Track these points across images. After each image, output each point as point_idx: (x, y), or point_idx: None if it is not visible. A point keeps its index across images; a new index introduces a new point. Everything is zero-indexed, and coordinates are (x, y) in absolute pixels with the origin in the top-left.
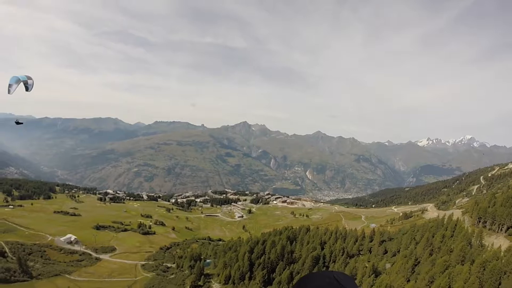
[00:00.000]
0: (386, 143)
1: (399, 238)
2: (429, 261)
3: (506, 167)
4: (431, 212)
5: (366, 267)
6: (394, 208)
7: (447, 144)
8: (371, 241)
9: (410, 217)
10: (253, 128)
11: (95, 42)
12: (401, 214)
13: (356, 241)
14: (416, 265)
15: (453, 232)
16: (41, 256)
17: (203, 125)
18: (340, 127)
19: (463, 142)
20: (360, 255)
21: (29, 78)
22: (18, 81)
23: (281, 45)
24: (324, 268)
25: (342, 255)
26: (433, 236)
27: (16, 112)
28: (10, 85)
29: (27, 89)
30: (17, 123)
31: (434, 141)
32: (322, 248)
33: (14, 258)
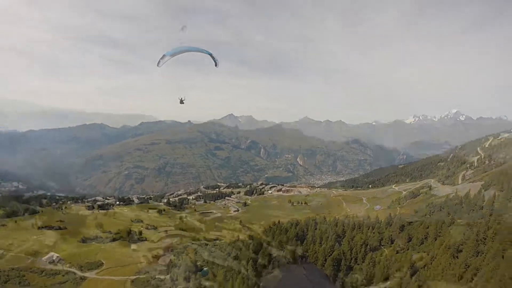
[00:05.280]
0: (374, 123)
1: (420, 220)
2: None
3: (500, 137)
4: (442, 188)
5: (398, 262)
6: (395, 186)
7: (434, 119)
8: (389, 227)
9: (418, 195)
10: (240, 120)
11: (74, 49)
12: (404, 192)
13: (373, 230)
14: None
15: (492, 210)
16: (19, 283)
17: (189, 121)
18: (327, 112)
19: (449, 116)
20: (382, 247)
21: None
22: (174, 54)
23: (265, 36)
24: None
25: (365, 250)
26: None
27: None
28: (163, 57)
29: (216, 64)
30: (181, 102)
31: (421, 117)
32: (339, 244)
33: None
